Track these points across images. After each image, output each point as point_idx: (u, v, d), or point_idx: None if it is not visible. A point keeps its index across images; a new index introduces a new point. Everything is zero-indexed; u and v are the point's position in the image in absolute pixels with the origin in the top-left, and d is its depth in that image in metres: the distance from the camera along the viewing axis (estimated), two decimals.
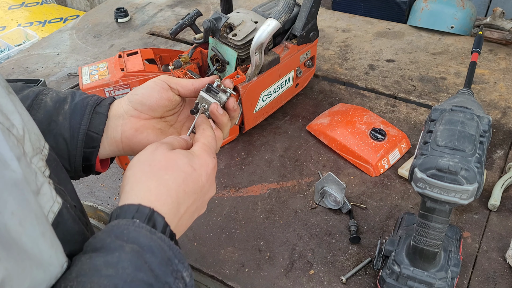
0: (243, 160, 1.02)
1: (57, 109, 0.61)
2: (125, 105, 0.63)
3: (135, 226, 0.43)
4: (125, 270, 0.39)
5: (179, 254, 0.45)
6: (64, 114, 0.61)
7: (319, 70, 1.28)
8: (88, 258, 0.40)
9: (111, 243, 0.41)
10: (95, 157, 0.63)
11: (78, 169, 0.63)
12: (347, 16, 1.54)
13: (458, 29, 1.38)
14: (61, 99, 0.62)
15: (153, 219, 0.45)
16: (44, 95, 0.62)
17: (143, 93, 0.62)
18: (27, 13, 3.45)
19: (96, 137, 0.62)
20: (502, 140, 1.02)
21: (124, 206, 0.45)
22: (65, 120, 0.60)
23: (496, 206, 0.85)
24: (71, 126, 0.60)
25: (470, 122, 0.58)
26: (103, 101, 0.63)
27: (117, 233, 0.43)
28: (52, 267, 0.36)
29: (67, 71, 1.37)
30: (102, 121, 0.62)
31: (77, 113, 0.61)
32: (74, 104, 0.61)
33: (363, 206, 0.89)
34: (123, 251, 0.41)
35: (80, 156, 0.62)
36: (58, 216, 0.40)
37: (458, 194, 0.55)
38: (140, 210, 0.45)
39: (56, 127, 0.60)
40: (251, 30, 0.96)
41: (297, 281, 0.78)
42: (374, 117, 1.04)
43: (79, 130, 0.61)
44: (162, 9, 1.70)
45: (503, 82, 1.19)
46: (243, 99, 0.99)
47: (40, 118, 0.60)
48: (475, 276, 0.76)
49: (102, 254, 0.40)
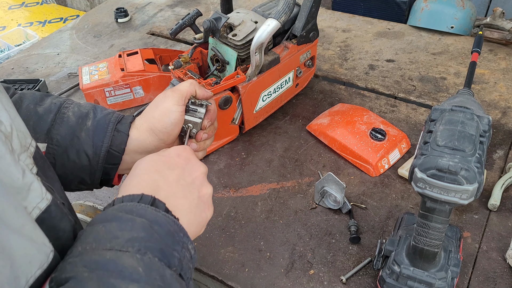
0: (243, 160, 1.02)
1: (79, 125, 0.64)
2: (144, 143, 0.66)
3: (141, 206, 0.47)
4: (139, 234, 0.43)
5: (183, 229, 0.48)
6: (87, 130, 0.64)
7: (319, 70, 1.28)
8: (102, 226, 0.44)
9: (122, 216, 0.45)
10: (114, 172, 0.67)
11: (96, 183, 0.67)
12: (347, 16, 1.54)
13: (458, 29, 1.38)
14: (83, 115, 0.65)
15: (155, 204, 0.49)
16: (66, 109, 0.64)
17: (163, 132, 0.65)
18: (27, 13, 3.45)
19: (117, 155, 0.65)
20: (502, 140, 1.02)
21: (128, 196, 0.49)
22: (88, 137, 0.64)
23: (496, 206, 0.85)
24: (94, 144, 0.64)
25: (470, 122, 0.58)
26: (123, 119, 0.67)
27: (126, 209, 0.46)
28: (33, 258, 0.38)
29: (67, 71, 1.37)
30: (123, 141, 0.65)
31: (100, 131, 0.64)
32: (96, 121, 0.65)
33: (363, 206, 0.89)
34: (134, 221, 0.44)
35: (101, 171, 0.65)
36: (45, 213, 0.41)
37: (458, 194, 0.55)
38: (143, 198, 0.49)
39: (78, 143, 0.63)
40: (251, 30, 0.96)
41: (297, 281, 0.78)
42: (374, 117, 1.04)
43: (101, 148, 0.64)
44: (162, 9, 1.70)
45: (503, 82, 1.19)
46: (243, 99, 0.99)
47: (63, 133, 0.63)
48: (475, 276, 0.76)
49: (115, 223, 0.44)
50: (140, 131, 0.66)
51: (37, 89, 1.23)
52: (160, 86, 1.18)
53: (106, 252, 0.41)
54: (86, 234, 0.44)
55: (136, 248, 0.42)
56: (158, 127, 0.65)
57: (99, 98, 1.16)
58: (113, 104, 1.18)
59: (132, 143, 0.66)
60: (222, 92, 0.94)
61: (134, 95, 1.18)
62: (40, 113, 0.63)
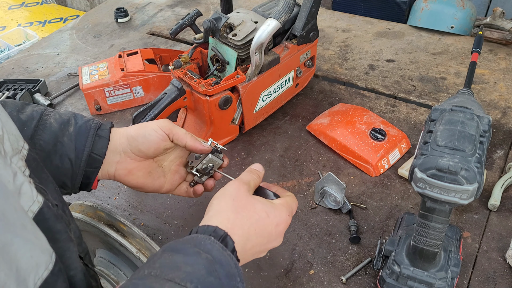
0: (243, 160, 1.02)
1: (62, 131, 0.67)
2: (124, 144, 0.70)
3: (210, 241, 0.50)
4: (200, 271, 0.46)
5: (241, 273, 0.51)
6: (69, 136, 0.67)
7: (319, 70, 1.28)
8: (170, 255, 0.48)
9: (190, 249, 0.49)
10: (94, 176, 0.70)
11: (76, 187, 0.69)
12: (347, 16, 1.54)
13: (458, 29, 1.38)
14: (65, 121, 0.68)
15: (225, 241, 0.52)
16: (47, 116, 0.67)
17: (143, 142, 0.70)
18: (27, 13, 3.45)
19: (98, 159, 0.68)
20: (502, 140, 1.02)
21: (204, 226, 0.53)
22: (70, 142, 0.66)
23: (496, 206, 0.85)
24: (76, 148, 0.67)
25: (470, 122, 0.58)
26: (103, 125, 0.70)
27: (195, 242, 0.50)
28: None
29: (67, 71, 1.37)
30: (104, 145, 0.69)
31: (82, 136, 0.67)
32: (78, 127, 0.68)
33: (363, 206, 0.89)
34: (199, 256, 0.48)
35: (82, 175, 0.68)
36: (38, 215, 0.41)
37: (458, 194, 0.55)
38: (216, 231, 0.52)
39: (62, 148, 0.66)
40: (251, 30, 0.96)
41: (297, 281, 0.78)
42: (374, 117, 1.04)
43: (83, 152, 0.67)
44: (162, 9, 1.70)
45: (503, 82, 1.19)
46: (243, 99, 0.99)
47: (46, 138, 0.65)
48: (475, 276, 0.76)
49: (181, 255, 0.48)
50: (118, 148, 0.70)
51: (37, 89, 1.23)
52: (160, 86, 1.18)
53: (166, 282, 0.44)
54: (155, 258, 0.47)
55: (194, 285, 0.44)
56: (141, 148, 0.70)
57: (99, 98, 1.16)
58: (113, 104, 1.18)
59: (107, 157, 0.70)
60: (222, 92, 0.94)
61: (134, 95, 1.18)
62: (23, 119, 0.65)
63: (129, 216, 0.91)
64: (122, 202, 0.94)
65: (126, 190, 0.97)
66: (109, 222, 0.80)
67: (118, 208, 0.93)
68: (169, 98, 0.93)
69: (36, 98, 1.21)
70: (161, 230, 0.88)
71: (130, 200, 0.94)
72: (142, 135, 0.70)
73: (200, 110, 0.98)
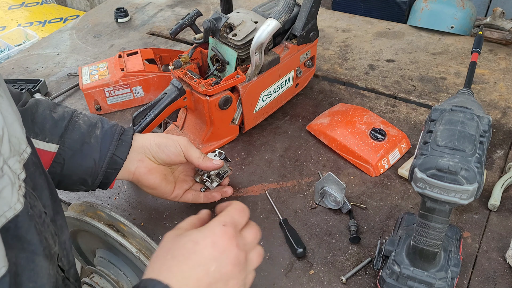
0: (243, 160, 1.02)
1: (89, 132, 0.74)
2: (147, 147, 0.78)
3: None
4: None
5: None
6: (95, 138, 0.74)
7: (319, 70, 1.28)
8: None
9: None
10: (114, 177, 0.77)
11: (95, 185, 0.76)
12: (347, 16, 1.54)
13: (458, 29, 1.38)
14: (92, 124, 0.76)
15: None
16: (77, 117, 0.75)
17: (164, 151, 0.78)
18: (27, 13, 3.45)
19: (119, 161, 0.76)
20: (502, 140, 1.02)
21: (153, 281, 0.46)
22: (96, 143, 0.74)
23: (496, 206, 0.85)
24: (101, 150, 0.74)
25: (470, 122, 0.58)
26: (126, 131, 0.78)
27: None
28: None
29: (67, 71, 1.37)
30: (126, 149, 0.76)
31: (107, 139, 0.75)
32: (104, 131, 0.75)
33: (363, 206, 0.89)
34: None
35: (102, 175, 0.75)
36: (10, 222, 0.40)
37: (458, 194, 0.55)
38: None
39: (88, 148, 0.73)
40: (251, 30, 0.96)
41: (297, 281, 0.78)
42: (374, 117, 1.04)
43: (107, 154, 0.74)
44: (162, 9, 1.70)
45: (503, 82, 1.19)
46: (243, 99, 0.99)
47: (75, 137, 0.73)
48: (475, 276, 0.76)
49: None
50: (141, 150, 0.78)
51: (37, 89, 1.23)
52: (160, 86, 1.18)
53: None
54: None
55: None
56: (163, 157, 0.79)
57: (99, 98, 1.16)
58: (113, 104, 1.18)
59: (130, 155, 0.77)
60: (222, 92, 0.94)
61: (134, 95, 1.18)
62: (55, 118, 0.72)
63: (129, 216, 0.91)
64: (122, 202, 0.94)
65: (126, 190, 0.97)
66: (109, 222, 0.80)
67: (118, 208, 0.93)
68: (169, 98, 0.93)
69: None
70: (161, 230, 0.88)
71: (130, 200, 0.94)
72: (165, 145, 0.78)
73: (200, 110, 0.98)
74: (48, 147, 0.70)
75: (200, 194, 0.86)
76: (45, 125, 0.70)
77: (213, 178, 0.86)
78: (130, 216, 0.91)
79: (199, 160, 0.80)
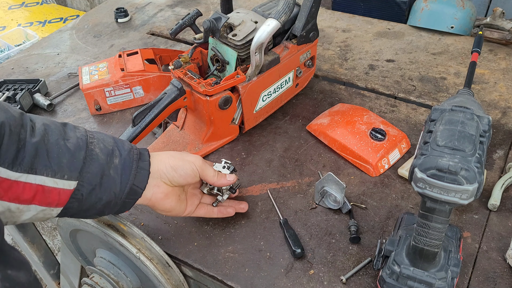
0: (243, 160, 1.02)
1: (108, 163, 0.69)
2: (162, 171, 0.74)
3: None
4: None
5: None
6: (115, 168, 0.69)
7: (319, 70, 1.28)
8: None
9: None
10: (131, 206, 0.74)
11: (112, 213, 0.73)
12: (347, 16, 1.54)
13: (458, 29, 1.38)
14: (110, 152, 0.70)
15: None
16: (92, 144, 0.68)
17: (181, 174, 0.75)
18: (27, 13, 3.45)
19: (139, 191, 0.72)
20: (502, 140, 1.02)
21: None
22: (116, 175, 0.69)
23: (496, 206, 0.85)
24: (121, 181, 0.70)
25: (470, 122, 0.58)
26: (142, 155, 0.74)
27: None
28: None
29: (67, 71, 1.37)
30: (145, 178, 0.73)
31: (126, 169, 0.70)
32: (123, 160, 0.70)
33: (363, 206, 0.89)
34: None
35: (120, 205, 0.72)
36: None
37: (458, 194, 0.55)
38: None
39: (108, 181, 0.68)
40: (251, 30, 0.96)
41: (297, 281, 0.78)
42: (374, 117, 1.04)
43: (126, 185, 0.70)
44: (162, 9, 1.70)
45: (503, 82, 1.19)
46: (243, 99, 0.99)
47: (94, 171, 0.67)
48: (475, 276, 0.76)
49: None
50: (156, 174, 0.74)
51: (37, 89, 1.23)
52: (160, 86, 1.18)
53: None
54: None
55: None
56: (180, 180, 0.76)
57: (99, 98, 1.16)
58: (113, 104, 1.18)
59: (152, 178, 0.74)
60: (222, 92, 0.94)
61: (134, 95, 1.18)
62: (71, 150, 0.65)
63: (129, 216, 0.91)
64: None
65: None
66: (109, 222, 0.80)
67: None
68: (169, 98, 0.93)
69: (36, 98, 1.21)
70: (161, 230, 0.88)
71: None
72: (181, 168, 0.75)
73: (200, 110, 0.98)
74: (67, 185, 0.65)
75: (213, 209, 0.85)
76: (62, 160, 0.64)
77: (224, 191, 0.85)
78: (130, 216, 0.91)
79: (214, 179, 0.79)
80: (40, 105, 1.21)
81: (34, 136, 0.62)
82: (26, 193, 0.61)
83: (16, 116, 0.62)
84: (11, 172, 0.59)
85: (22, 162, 0.60)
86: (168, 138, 1.05)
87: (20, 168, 0.60)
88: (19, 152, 0.60)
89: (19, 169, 0.60)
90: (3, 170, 0.59)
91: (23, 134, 0.61)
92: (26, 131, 0.62)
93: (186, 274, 0.86)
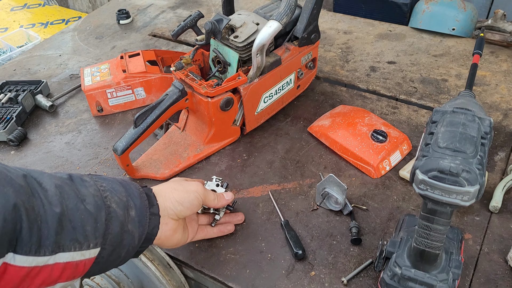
0: (244, 161, 1.02)
1: (125, 218, 0.64)
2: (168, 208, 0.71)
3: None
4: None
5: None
6: (133, 222, 0.65)
7: (321, 72, 1.29)
8: None
9: None
10: (142, 252, 0.70)
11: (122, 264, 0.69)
12: (349, 18, 1.55)
13: (459, 31, 1.38)
14: (125, 204, 0.65)
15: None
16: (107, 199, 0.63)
17: (188, 207, 0.73)
18: (29, 15, 3.45)
19: (152, 238, 0.69)
20: (503, 142, 1.02)
21: None
22: (134, 228, 0.65)
23: (497, 208, 0.85)
24: (139, 234, 0.66)
25: (471, 124, 0.58)
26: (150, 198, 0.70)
27: None
28: None
29: (69, 73, 1.38)
30: (157, 224, 0.69)
31: (142, 220, 0.67)
32: (138, 211, 0.66)
33: (364, 207, 0.89)
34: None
35: (133, 255, 0.68)
36: None
37: (459, 196, 0.55)
38: None
39: (127, 237, 0.64)
40: (252, 32, 0.96)
41: (298, 282, 0.78)
42: (376, 119, 1.04)
43: (142, 236, 0.67)
44: (164, 11, 1.70)
45: (504, 84, 1.19)
46: (245, 100, 0.99)
47: (115, 231, 0.62)
48: (476, 278, 0.76)
49: None
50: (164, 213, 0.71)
51: (39, 90, 1.23)
52: (161, 88, 1.18)
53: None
54: None
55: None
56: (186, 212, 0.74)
57: (101, 99, 1.16)
58: (114, 105, 1.18)
59: None
60: (224, 93, 0.95)
61: (136, 97, 1.18)
62: (93, 214, 0.59)
63: None
64: None
65: None
66: None
67: None
68: (171, 99, 0.93)
69: (38, 100, 1.21)
70: None
71: None
72: (187, 200, 0.73)
73: (201, 111, 0.98)
74: (93, 253, 0.59)
75: (213, 230, 0.84)
76: (87, 228, 0.58)
77: (220, 210, 0.84)
78: None
79: (215, 202, 0.78)
80: (42, 106, 1.21)
81: (52, 204, 0.55)
82: (54, 274, 0.55)
83: (22, 184, 0.54)
84: (39, 258, 0.53)
85: (47, 242, 0.53)
86: (169, 139, 1.05)
87: (47, 250, 0.53)
88: (41, 231, 0.53)
89: (46, 252, 0.53)
90: (30, 259, 0.52)
91: (36, 206, 0.53)
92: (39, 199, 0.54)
93: (187, 275, 0.86)
